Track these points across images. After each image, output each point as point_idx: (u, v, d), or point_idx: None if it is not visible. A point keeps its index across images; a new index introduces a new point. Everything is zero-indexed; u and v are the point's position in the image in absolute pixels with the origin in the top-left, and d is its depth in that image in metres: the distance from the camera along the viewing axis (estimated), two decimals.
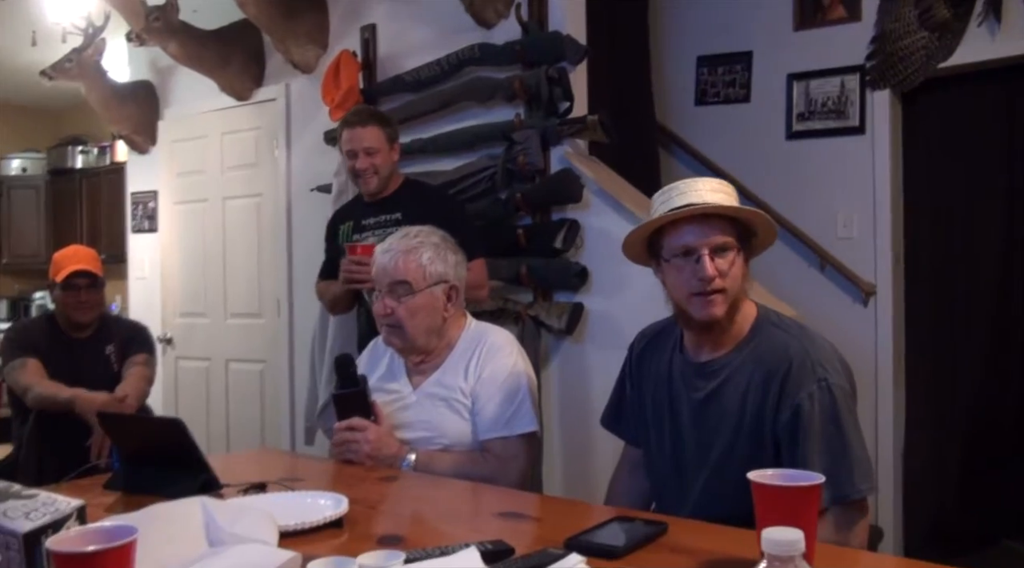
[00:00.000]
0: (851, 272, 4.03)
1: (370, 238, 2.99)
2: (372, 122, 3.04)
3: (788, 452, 1.66)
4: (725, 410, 1.76)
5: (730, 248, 1.73)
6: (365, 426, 2.11)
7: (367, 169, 3.01)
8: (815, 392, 1.66)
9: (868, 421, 3.97)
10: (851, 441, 1.65)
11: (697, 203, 1.71)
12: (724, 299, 1.72)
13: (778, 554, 0.75)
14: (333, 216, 3.33)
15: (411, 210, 3.00)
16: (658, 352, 1.94)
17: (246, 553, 1.29)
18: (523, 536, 1.49)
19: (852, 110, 4.10)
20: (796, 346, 1.72)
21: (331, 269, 3.15)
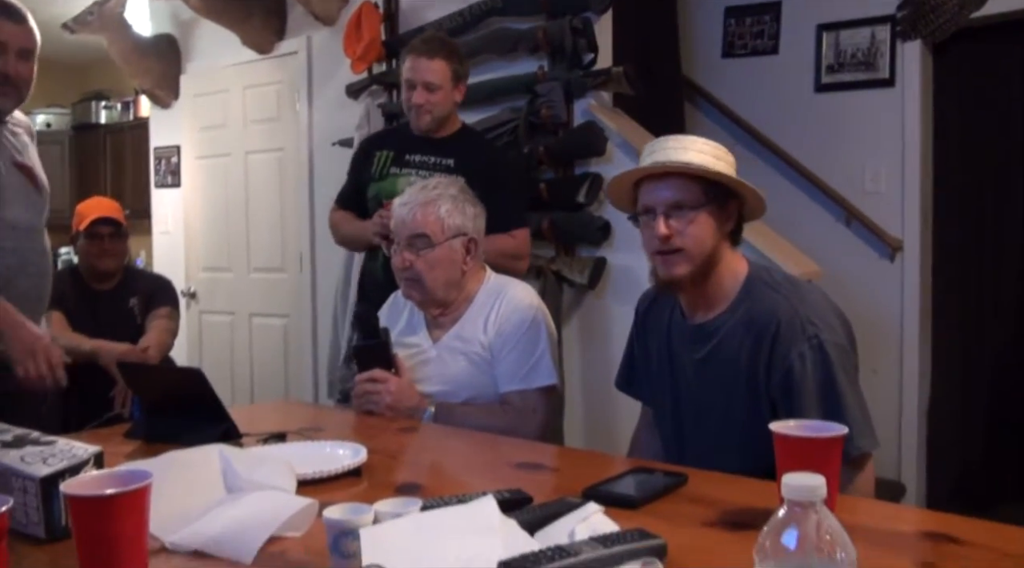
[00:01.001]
0: (877, 227, 3.97)
1: (412, 176, 2.81)
2: (440, 55, 2.79)
3: (784, 413, 1.63)
4: (721, 372, 1.74)
5: (687, 207, 1.69)
6: (386, 378, 2.11)
7: (422, 106, 2.79)
8: (806, 351, 1.63)
9: (892, 378, 3.94)
10: (846, 399, 1.61)
11: (668, 161, 1.68)
12: (684, 259, 1.70)
13: (799, 500, 0.74)
14: (368, 140, 3.11)
15: (467, 160, 2.83)
16: (660, 313, 1.92)
17: (263, 500, 1.29)
18: (541, 486, 1.48)
19: (882, 62, 4.01)
20: (785, 305, 1.68)
21: (353, 198, 2.99)
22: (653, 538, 1.11)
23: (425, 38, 2.90)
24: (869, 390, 4.00)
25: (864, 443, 1.62)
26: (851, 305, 4.08)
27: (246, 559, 1.17)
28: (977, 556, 1.17)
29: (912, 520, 1.45)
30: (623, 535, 1.11)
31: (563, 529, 1.17)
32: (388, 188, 2.85)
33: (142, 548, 1.09)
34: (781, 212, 3.90)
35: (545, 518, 1.21)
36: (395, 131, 3.06)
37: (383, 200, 2.81)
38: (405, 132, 2.94)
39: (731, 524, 1.28)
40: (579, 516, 1.20)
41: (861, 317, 3.93)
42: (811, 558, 0.73)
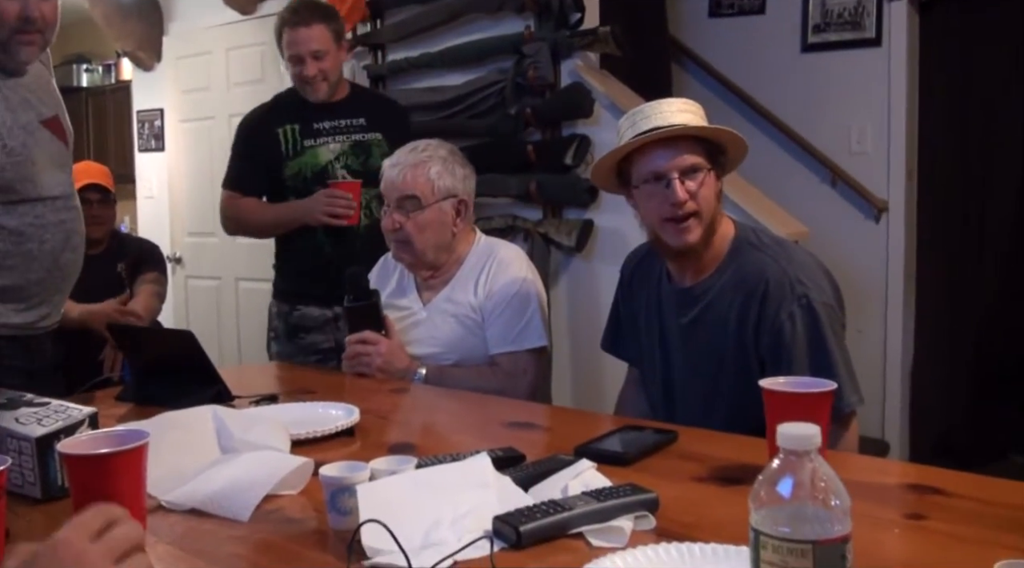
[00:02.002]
0: (863, 188, 3.98)
1: (331, 144, 2.79)
2: (316, 19, 2.71)
3: (773, 372, 1.63)
4: (710, 335, 1.75)
5: (700, 169, 1.69)
6: (377, 340, 2.12)
7: (316, 75, 2.72)
8: (796, 311, 1.65)
9: (877, 337, 3.98)
10: (835, 357, 1.63)
11: (663, 126, 1.67)
12: (699, 223, 1.69)
13: (794, 449, 0.75)
14: (259, 119, 2.91)
15: (377, 116, 2.85)
16: (648, 275, 1.92)
17: (258, 459, 1.31)
18: (533, 445, 1.50)
19: (869, 21, 4.00)
20: (773, 266, 1.69)
21: (254, 181, 2.86)
22: (645, 492, 1.12)
23: (293, 7, 2.78)
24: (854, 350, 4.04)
25: (851, 400, 1.64)
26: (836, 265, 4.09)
27: (243, 517, 1.18)
28: (963, 506, 1.20)
29: (899, 473, 1.48)
30: (615, 490, 1.12)
31: (556, 485, 1.19)
32: (310, 161, 2.80)
33: (140, 507, 1.10)
34: (767, 173, 3.91)
35: (538, 475, 1.22)
36: (288, 103, 2.89)
37: (308, 175, 2.78)
38: (299, 103, 2.83)
39: (721, 479, 1.30)
40: (572, 472, 1.22)
41: (846, 277, 3.95)
42: (805, 505, 0.74)
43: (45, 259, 1.92)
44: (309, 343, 2.84)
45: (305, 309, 2.85)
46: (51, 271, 1.96)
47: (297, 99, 2.85)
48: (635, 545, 1.02)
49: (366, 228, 2.72)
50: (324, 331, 2.83)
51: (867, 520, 1.14)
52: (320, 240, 2.78)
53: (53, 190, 1.97)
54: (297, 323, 2.87)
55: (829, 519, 0.74)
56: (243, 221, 2.94)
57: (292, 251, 2.89)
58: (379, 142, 2.83)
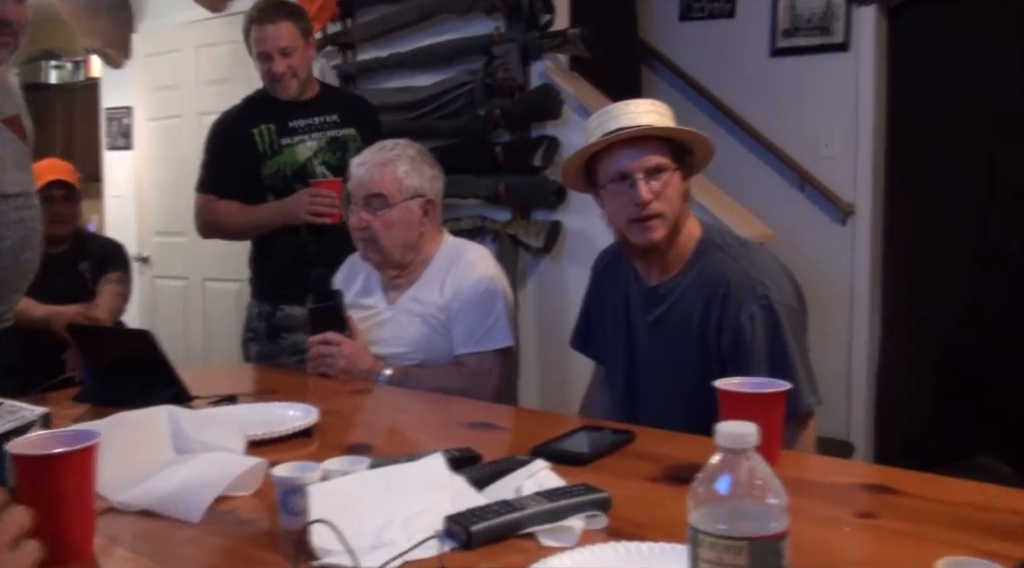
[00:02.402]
0: (830, 191, 4.02)
1: (307, 142, 2.82)
2: (282, 17, 2.74)
3: (733, 372, 1.64)
4: (674, 334, 1.77)
5: (665, 169, 1.71)
6: (340, 341, 2.11)
7: (285, 73, 2.74)
8: (756, 312, 1.66)
9: (842, 340, 4.02)
10: (793, 358, 1.65)
11: (629, 126, 1.68)
12: (663, 223, 1.71)
13: (731, 447, 0.76)
14: (233, 121, 2.91)
15: (349, 113, 2.88)
16: (617, 273, 1.94)
17: (212, 460, 1.30)
18: (493, 445, 1.50)
19: (838, 26, 4.03)
20: (735, 267, 1.71)
21: (229, 183, 2.83)
22: (597, 492, 1.13)
23: (260, 6, 2.81)
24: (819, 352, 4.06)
25: (808, 401, 1.66)
26: (803, 268, 4.13)
27: (194, 518, 1.17)
28: (912, 505, 1.22)
29: (853, 473, 1.50)
30: (568, 490, 1.13)
31: (510, 485, 1.19)
32: (289, 160, 2.81)
33: (89, 508, 1.09)
34: (735, 176, 3.94)
35: (493, 475, 1.23)
36: (260, 103, 2.89)
37: (287, 173, 2.79)
38: (272, 103, 2.84)
39: (674, 479, 1.30)
40: (526, 472, 1.22)
41: (813, 280, 4.00)
42: (743, 503, 0.75)
43: (4, 257, 1.90)
44: (291, 343, 2.81)
45: (289, 309, 2.82)
46: (9, 270, 1.93)
47: (269, 99, 2.85)
48: (585, 544, 1.03)
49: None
50: (307, 331, 2.82)
51: (819, 519, 1.16)
52: (304, 239, 2.78)
53: (12, 188, 1.95)
54: (280, 323, 2.85)
55: (765, 516, 0.75)
56: (223, 225, 2.91)
57: (274, 251, 2.87)
58: (354, 137, 2.85)
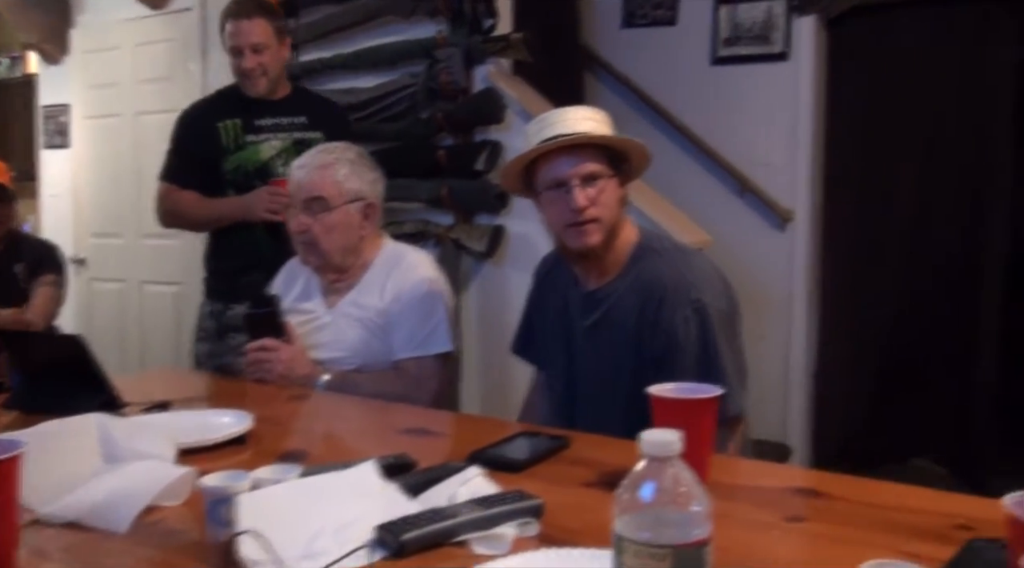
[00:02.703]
0: (769, 198, 4.08)
1: (272, 141, 2.80)
2: (258, 14, 2.74)
3: (665, 375, 1.67)
4: (610, 337, 1.79)
5: (601, 176, 1.73)
6: (277, 346, 2.09)
7: (254, 69, 2.74)
8: (689, 315, 1.69)
9: (780, 343, 4.08)
10: (724, 362, 1.67)
11: (566, 133, 1.71)
12: (599, 227, 1.73)
13: (656, 454, 0.77)
14: (200, 112, 2.93)
15: (318, 116, 2.86)
16: (558, 279, 1.95)
17: (141, 469, 1.28)
18: (429, 451, 1.49)
19: (777, 36, 4.09)
20: (669, 272, 1.74)
21: (192, 174, 2.83)
22: (531, 499, 1.13)
23: (237, 0, 2.82)
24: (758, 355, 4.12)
25: (738, 405, 1.68)
26: (742, 273, 4.20)
27: (121, 528, 1.15)
28: (841, 508, 1.24)
29: (784, 477, 1.52)
30: (502, 497, 1.13)
31: (444, 493, 1.19)
32: (251, 157, 2.80)
33: (12, 520, 1.06)
34: (676, 182, 3.98)
35: (427, 482, 1.22)
36: (230, 98, 2.89)
37: (248, 170, 2.79)
38: (241, 99, 2.84)
39: (609, 484, 1.30)
40: (461, 479, 1.22)
41: (752, 285, 4.07)
42: (667, 510, 0.76)
43: None
44: (239, 343, 2.75)
45: (239, 308, 2.75)
46: None
47: (239, 94, 2.85)
48: (517, 551, 1.03)
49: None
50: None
51: (748, 523, 1.17)
52: (259, 237, 2.76)
53: None
54: (228, 323, 2.81)
55: (689, 523, 0.75)
56: (182, 215, 2.91)
57: (229, 248, 2.86)
58: (320, 141, 2.79)
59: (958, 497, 1.27)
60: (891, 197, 4.15)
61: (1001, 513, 0.86)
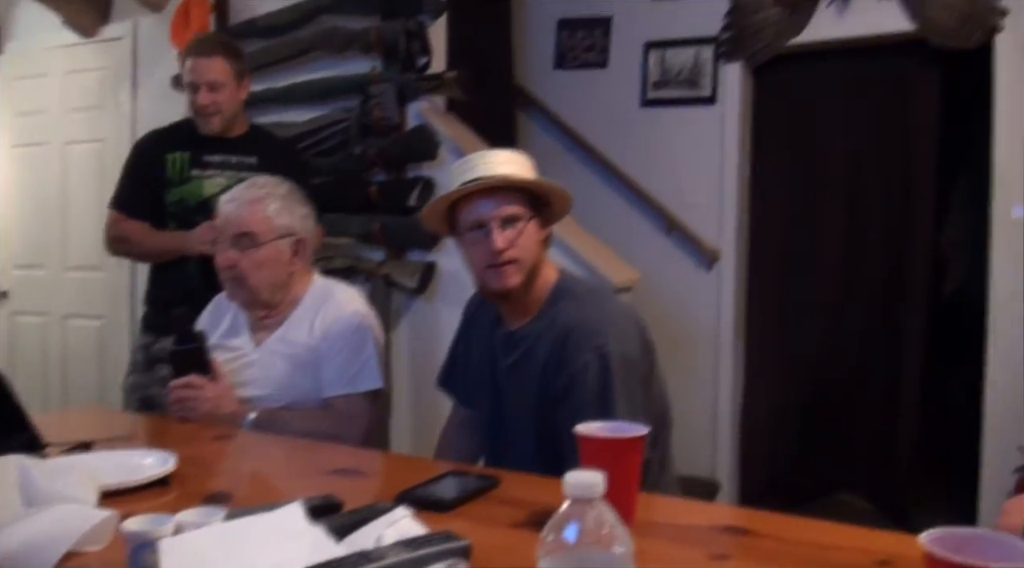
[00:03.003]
0: (697, 237, 4.17)
1: (218, 177, 2.80)
2: (218, 52, 2.78)
3: (563, 417, 1.66)
4: (526, 378, 1.81)
5: (520, 218, 1.76)
6: (203, 384, 2.05)
7: (208, 106, 2.76)
8: (590, 360, 1.70)
9: (708, 380, 4.15)
10: (620, 408, 1.67)
11: (486, 176, 1.74)
12: (517, 269, 1.76)
13: (579, 496, 0.78)
14: (152, 141, 2.94)
15: (269, 158, 2.84)
16: (485, 317, 1.97)
17: (62, 513, 1.24)
18: (357, 492, 1.48)
19: (705, 80, 4.20)
20: (579, 315, 1.76)
21: (140, 204, 2.84)
22: (458, 540, 1.13)
23: (200, 38, 2.91)
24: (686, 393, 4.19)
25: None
26: (671, 311, 4.27)
27: None
28: (766, 545, 1.27)
29: (710, 515, 1.53)
30: (429, 538, 1.13)
31: (371, 534, 1.18)
32: (194, 191, 2.81)
33: None
34: (606, 220, 4.04)
35: (353, 524, 1.21)
36: (183, 131, 2.92)
37: (190, 205, 2.79)
38: (194, 132, 2.86)
39: (538, 524, 1.29)
40: (387, 521, 1.21)
41: (680, 322, 4.14)
42: (591, 551, 0.77)
43: None
44: (167, 375, 2.71)
45: (168, 340, 2.74)
46: None
47: (193, 128, 2.87)
48: None
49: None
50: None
51: (673, 562, 1.19)
52: (191, 273, 2.75)
53: None
54: (156, 354, 2.77)
55: (612, 564, 0.77)
56: (128, 243, 2.92)
57: (164, 281, 2.87)
58: None
59: (879, 533, 1.30)
60: (815, 238, 4.27)
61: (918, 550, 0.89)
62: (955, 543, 0.85)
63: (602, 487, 0.78)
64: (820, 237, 4.26)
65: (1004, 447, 3.52)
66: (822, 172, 4.24)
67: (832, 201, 4.23)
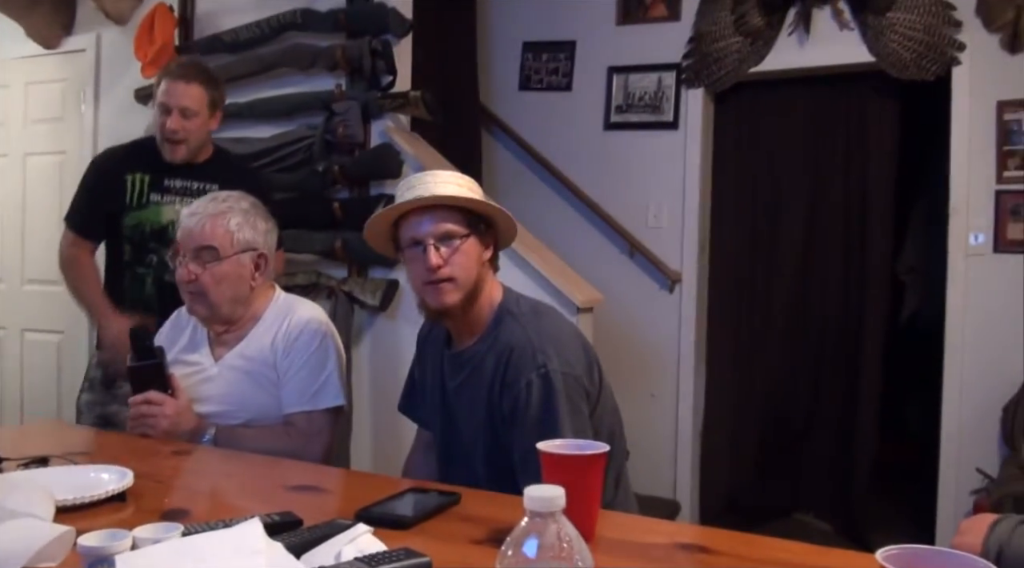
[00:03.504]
0: (658, 260, 4.21)
1: (177, 204, 2.72)
2: (197, 80, 2.70)
3: (510, 437, 1.71)
4: (473, 399, 1.81)
5: (456, 236, 1.77)
6: (163, 400, 2.03)
7: (176, 131, 2.69)
8: (534, 380, 1.71)
9: (669, 401, 4.18)
10: (564, 427, 1.68)
11: (425, 195, 1.75)
12: (454, 287, 1.76)
13: (538, 510, 0.78)
14: (112, 159, 2.85)
15: (229, 185, 2.69)
16: (436, 338, 1.98)
17: (16, 528, 1.22)
18: (316, 509, 1.47)
19: (667, 106, 4.26)
20: (521, 335, 1.76)
21: (93, 223, 2.78)
22: (418, 556, 1.13)
23: (182, 62, 2.80)
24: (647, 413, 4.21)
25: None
26: (632, 333, 4.30)
27: None
28: (725, 564, 1.28)
29: (670, 533, 1.54)
30: (388, 554, 1.13)
31: (330, 551, 1.18)
32: (151, 217, 2.75)
33: None
34: (569, 242, 4.08)
35: (313, 540, 1.21)
36: (145, 152, 2.82)
37: (146, 230, 2.73)
38: (157, 155, 2.77)
39: (498, 541, 1.28)
40: (347, 537, 1.21)
41: (641, 344, 4.17)
42: (550, 566, 0.77)
43: None
44: (125, 393, 2.66)
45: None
46: None
47: (156, 150, 2.77)
48: None
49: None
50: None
51: None
52: (149, 294, 2.71)
53: None
54: (117, 372, 2.71)
55: None
56: (70, 274, 2.84)
57: (119, 297, 2.78)
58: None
59: (836, 551, 1.31)
60: (775, 261, 4.34)
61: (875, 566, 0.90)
62: (911, 561, 0.87)
63: (562, 501, 0.79)
64: (779, 261, 4.33)
65: (961, 470, 3.58)
66: (782, 198, 4.31)
67: (791, 226, 4.30)
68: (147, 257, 2.76)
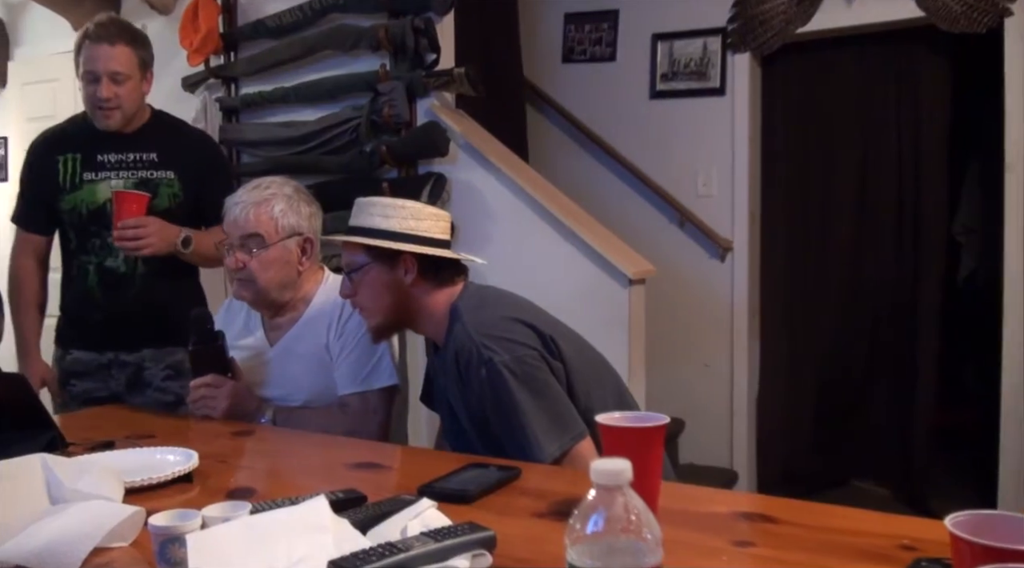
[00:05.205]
0: (709, 229, 4.16)
1: (113, 180, 2.52)
2: (122, 40, 2.45)
3: (491, 431, 1.75)
4: (453, 399, 1.85)
5: (358, 267, 1.87)
6: (222, 383, 2.06)
7: (109, 99, 2.44)
8: (484, 375, 1.71)
9: (724, 372, 4.15)
10: (524, 414, 1.67)
11: (355, 225, 1.87)
12: (369, 314, 1.91)
13: (606, 484, 0.78)
14: (43, 143, 2.63)
15: (173, 151, 2.58)
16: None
17: (88, 510, 1.25)
18: (378, 485, 1.49)
19: (713, 72, 4.20)
20: (462, 335, 1.76)
21: (37, 215, 2.61)
22: (483, 530, 1.14)
23: (101, 22, 2.49)
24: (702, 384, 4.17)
25: (548, 451, 1.66)
26: (684, 303, 4.27)
27: None
28: (789, 532, 1.27)
29: (732, 503, 1.54)
30: (454, 529, 1.13)
31: (396, 526, 1.19)
32: (87, 198, 2.54)
33: None
34: (618, 214, 4.05)
35: (378, 516, 1.22)
36: (75, 128, 2.61)
37: (83, 212, 2.54)
38: (87, 130, 2.55)
39: (560, 514, 1.32)
40: (412, 512, 1.22)
41: (694, 314, 4.14)
42: (618, 538, 0.77)
43: None
44: (81, 391, 2.61)
45: (77, 353, 2.62)
46: None
47: (87, 124, 2.56)
48: None
49: (141, 276, 2.56)
50: (96, 378, 2.61)
51: (697, 549, 1.19)
52: (91, 285, 2.57)
53: None
54: (68, 368, 2.63)
55: (641, 551, 0.77)
56: (12, 286, 2.68)
57: (69, 294, 2.64)
58: (170, 182, 2.56)
59: (901, 518, 1.30)
60: (828, 227, 4.27)
61: (944, 533, 0.88)
62: (980, 526, 0.85)
63: (629, 474, 0.78)
64: (832, 226, 4.26)
65: (1023, 432, 3.51)
66: (833, 161, 4.23)
67: (843, 190, 4.23)
68: (90, 242, 2.56)
